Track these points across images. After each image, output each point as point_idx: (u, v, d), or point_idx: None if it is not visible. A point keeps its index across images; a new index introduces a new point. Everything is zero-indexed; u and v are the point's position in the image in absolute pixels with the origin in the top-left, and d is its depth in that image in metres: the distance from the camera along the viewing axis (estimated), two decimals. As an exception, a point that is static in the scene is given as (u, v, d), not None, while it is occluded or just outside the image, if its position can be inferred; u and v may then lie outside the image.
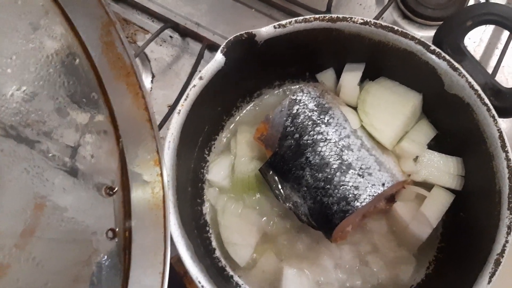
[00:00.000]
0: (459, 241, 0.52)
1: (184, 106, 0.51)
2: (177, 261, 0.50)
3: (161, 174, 0.45)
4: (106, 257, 0.42)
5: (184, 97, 0.51)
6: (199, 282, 0.45)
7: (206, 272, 0.47)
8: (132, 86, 0.45)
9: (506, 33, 0.69)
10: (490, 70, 0.66)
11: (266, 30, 0.52)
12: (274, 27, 0.52)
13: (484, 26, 0.71)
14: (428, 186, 0.54)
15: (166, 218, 0.43)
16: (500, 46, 0.69)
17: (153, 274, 0.41)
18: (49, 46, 0.43)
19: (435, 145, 0.57)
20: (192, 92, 0.51)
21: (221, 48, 0.51)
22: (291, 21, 0.52)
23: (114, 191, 0.44)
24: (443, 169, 0.54)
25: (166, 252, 0.42)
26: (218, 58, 0.51)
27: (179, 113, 0.50)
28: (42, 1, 0.43)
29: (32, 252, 0.39)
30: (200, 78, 0.51)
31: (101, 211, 0.43)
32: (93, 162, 0.44)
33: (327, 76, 0.61)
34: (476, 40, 0.70)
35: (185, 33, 0.75)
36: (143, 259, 0.42)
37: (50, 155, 0.42)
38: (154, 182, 0.44)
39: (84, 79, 0.45)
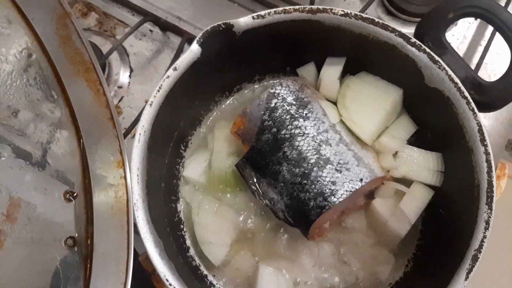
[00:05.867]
0: (438, 238, 0.51)
1: (156, 98, 0.49)
2: (145, 259, 0.48)
3: (125, 177, 0.42)
4: (64, 266, 0.39)
5: (157, 88, 0.49)
6: (167, 280, 0.43)
7: (175, 270, 0.45)
8: (92, 83, 0.44)
9: (489, 30, 0.69)
10: (473, 67, 0.65)
11: (244, 20, 0.50)
12: (253, 17, 0.50)
13: (468, 23, 0.70)
14: (407, 182, 0.53)
15: (130, 223, 0.41)
16: (483, 43, 0.68)
17: (115, 285, 0.39)
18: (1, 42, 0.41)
19: (415, 140, 0.56)
20: (166, 83, 0.49)
21: (197, 38, 0.49)
22: (270, 11, 0.51)
23: (75, 195, 0.41)
24: (422, 165, 0.53)
25: (129, 260, 0.40)
26: (194, 49, 0.49)
27: (151, 105, 0.48)
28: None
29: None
30: (175, 68, 0.49)
31: (60, 218, 0.40)
32: (51, 165, 0.41)
33: (307, 71, 0.59)
34: (460, 37, 0.70)
35: (165, 27, 0.73)
36: (104, 269, 0.40)
37: (3, 158, 0.40)
38: (118, 185, 0.42)
39: (41, 75, 0.42)
